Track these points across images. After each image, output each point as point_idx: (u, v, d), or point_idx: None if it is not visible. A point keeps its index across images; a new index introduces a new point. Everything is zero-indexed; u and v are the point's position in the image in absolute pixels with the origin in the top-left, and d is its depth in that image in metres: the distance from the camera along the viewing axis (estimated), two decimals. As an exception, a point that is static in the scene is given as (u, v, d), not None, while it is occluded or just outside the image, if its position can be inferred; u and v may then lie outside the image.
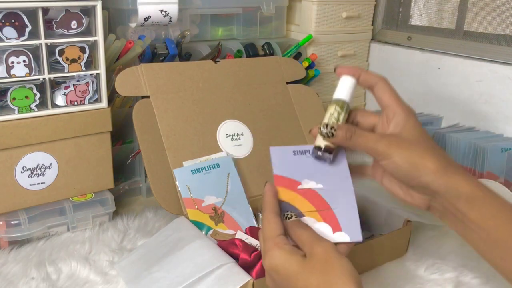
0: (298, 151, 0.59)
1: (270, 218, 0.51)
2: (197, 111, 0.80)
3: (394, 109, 0.54)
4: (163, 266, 0.62)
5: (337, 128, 0.53)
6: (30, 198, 0.75)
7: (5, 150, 0.71)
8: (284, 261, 0.47)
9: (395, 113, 0.54)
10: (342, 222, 0.55)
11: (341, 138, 0.53)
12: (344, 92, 0.57)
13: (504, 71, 0.97)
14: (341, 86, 0.57)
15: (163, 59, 0.88)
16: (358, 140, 0.53)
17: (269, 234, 0.50)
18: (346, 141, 0.53)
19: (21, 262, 0.70)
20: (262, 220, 0.53)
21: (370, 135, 0.53)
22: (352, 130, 0.53)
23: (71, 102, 0.75)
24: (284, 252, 0.48)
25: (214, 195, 0.73)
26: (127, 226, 0.81)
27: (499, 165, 0.88)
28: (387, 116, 0.55)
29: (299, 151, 0.59)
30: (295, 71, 0.95)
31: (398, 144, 0.52)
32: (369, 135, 0.53)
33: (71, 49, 0.72)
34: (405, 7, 1.23)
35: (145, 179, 0.91)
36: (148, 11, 0.83)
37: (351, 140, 0.53)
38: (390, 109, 0.55)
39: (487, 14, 1.05)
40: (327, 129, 0.54)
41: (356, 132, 0.53)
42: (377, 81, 0.56)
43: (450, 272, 0.71)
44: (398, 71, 1.19)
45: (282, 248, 0.48)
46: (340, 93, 0.57)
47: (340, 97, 0.57)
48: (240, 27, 1.03)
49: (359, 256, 0.69)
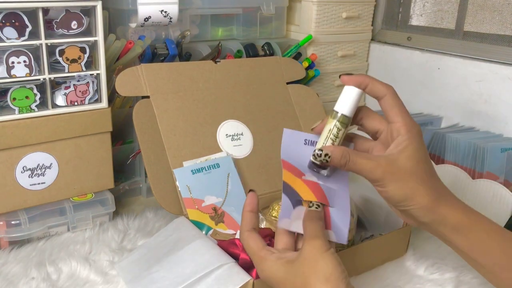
0: (309, 141, 0.58)
1: (247, 236, 0.54)
2: (197, 111, 0.80)
3: (399, 128, 0.53)
4: (163, 266, 0.62)
5: (331, 154, 0.52)
6: (30, 198, 0.75)
7: (6, 150, 0.71)
8: (272, 271, 0.50)
9: (399, 133, 0.53)
10: (333, 221, 0.55)
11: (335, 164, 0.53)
12: (348, 105, 0.53)
13: (504, 71, 0.97)
14: (344, 97, 0.54)
15: (163, 59, 0.88)
16: (353, 167, 0.53)
17: (253, 250, 0.53)
18: (341, 168, 0.53)
19: (21, 262, 0.70)
20: (240, 237, 0.55)
21: (365, 163, 0.52)
22: (347, 158, 0.52)
23: (72, 102, 0.75)
24: (270, 263, 0.51)
25: (214, 195, 0.73)
26: (127, 226, 0.81)
27: (498, 165, 0.89)
28: (391, 132, 0.54)
29: (311, 141, 0.58)
30: (295, 71, 0.95)
31: (392, 175, 0.52)
32: (365, 163, 0.52)
33: (72, 49, 0.72)
34: (405, 7, 1.23)
35: (145, 179, 0.91)
36: (148, 11, 0.83)
37: (346, 166, 0.53)
38: (394, 126, 0.54)
39: (487, 14, 1.05)
40: (321, 156, 0.52)
41: (351, 160, 0.52)
42: (386, 93, 0.54)
43: (450, 272, 0.71)
44: (398, 71, 1.19)
45: (268, 259, 0.51)
46: (343, 106, 0.53)
47: (342, 112, 0.53)
48: (240, 27, 1.03)
49: (360, 256, 0.69)
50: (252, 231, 0.54)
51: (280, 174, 0.56)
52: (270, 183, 0.81)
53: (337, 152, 0.52)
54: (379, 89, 0.54)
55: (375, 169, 0.52)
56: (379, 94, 0.54)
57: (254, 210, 0.55)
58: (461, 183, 0.88)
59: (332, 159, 0.52)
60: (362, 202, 0.80)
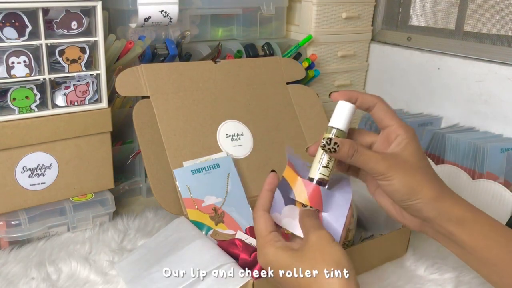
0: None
1: (261, 216, 0.53)
2: (197, 111, 0.80)
3: (396, 130, 0.55)
4: (163, 266, 0.62)
5: (340, 143, 0.52)
6: (30, 198, 0.75)
7: (6, 150, 0.71)
8: (276, 257, 0.49)
9: (398, 134, 0.54)
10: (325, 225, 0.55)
11: (343, 154, 0.53)
12: (342, 120, 0.54)
13: (503, 71, 0.98)
14: (338, 113, 0.55)
15: (163, 59, 0.88)
16: (360, 158, 0.53)
17: (261, 232, 0.52)
18: (348, 158, 0.53)
19: (21, 262, 0.70)
20: (253, 215, 0.54)
21: (372, 154, 0.53)
22: (355, 148, 0.53)
23: (71, 102, 0.75)
24: (275, 249, 0.50)
25: (214, 195, 0.73)
26: (127, 226, 0.81)
27: (498, 165, 0.88)
28: (388, 137, 0.56)
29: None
30: (295, 71, 0.95)
31: (398, 167, 0.52)
32: (371, 154, 0.53)
33: (72, 49, 0.72)
34: (405, 8, 1.23)
35: (145, 179, 0.91)
36: (148, 11, 0.83)
37: (353, 157, 0.53)
38: (391, 129, 0.55)
39: (486, 14, 1.05)
40: (331, 144, 0.53)
41: (359, 150, 0.53)
42: (375, 102, 0.56)
43: (450, 272, 0.71)
44: (398, 71, 1.19)
45: (273, 245, 0.50)
46: (337, 121, 0.55)
47: (337, 126, 0.54)
48: (240, 28, 1.03)
49: (360, 256, 0.69)
50: (265, 211, 0.53)
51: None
52: (270, 183, 0.81)
53: (345, 142, 0.53)
54: (369, 100, 0.56)
55: (382, 161, 0.52)
56: (370, 104, 0.56)
57: (273, 190, 0.54)
58: (461, 183, 0.88)
59: (340, 148, 0.52)
60: (362, 202, 0.80)
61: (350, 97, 0.55)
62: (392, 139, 0.55)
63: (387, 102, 0.57)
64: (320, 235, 0.49)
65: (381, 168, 0.52)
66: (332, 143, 0.53)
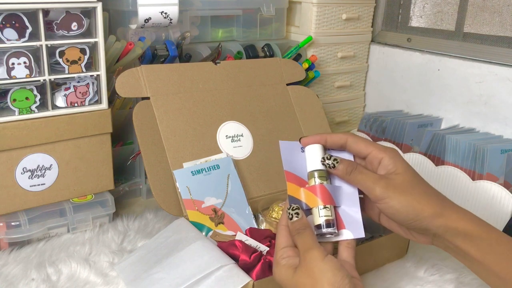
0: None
1: (280, 230, 0.56)
2: (197, 112, 0.80)
3: (377, 155, 0.55)
4: (163, 267, 0.62)
5: (339, 161, 0.55)
6: (30, 199, 0.75)
7: (6, 151, 0.71)
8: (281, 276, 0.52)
9: (381, 158, 0.55)
10: (345, 219, 0.56)
11: (342, 171, 0.55)
12: (317, 160, 0.57)
13: (503, 72, 0.98)
14: (310, 156, 0.58)
15: (163, 60, 0.88)
16: (358, 176, 0.55)
17: (277, 246, 0.55)
18: (346, 175, 0.55)
19: (21, 263, 0.70)
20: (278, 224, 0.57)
21: (370, 173, 0.54)
22: (354, 166, 0.55)
23: (72, 103, 0.75)
24: (280, 268, 0.53)
25: (214, 196, 0.73)
26: (127, 227, 0.81)
27: (498, 167, 0.88)
28: (372, 163, 0.56)
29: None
30: (295, 72, 0.95)
31: (395, 188, 0.53)
32: (369, 173, 0.54)
33: (72, 50, 0.72)
34: (405, 9, 1.23)
35: (145, 180, 0.91)
36: (149, 12, 0.83)
37: (351, 175, 0.55)
38: (372, 156, 0.56)
39: (486, 15, 1.05)
40: (331, 160, 0.55)
41: (357, 168, 0.55)
42: (346, 138, 0.57)
43: (450, 273, 0.71)
44: (398, 72, 1.19)
45: (279, 263, 0.53)
46: (313, 164, 0.57)
47: (315, 168, 0.57)
48: (240, 29, 1.03)
49: (360, 257, 0.69)
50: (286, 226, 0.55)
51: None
52: (270, 184, 0.81)
53: (345, 160, 0.55)
54: (337, 139, 0.58)
55: (379, 180, 0.53)
56: (340, 142, 0.58)
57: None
58: (461, 184, 0.88)
59: (339, 164, 0.55)
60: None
61: (319, 140, 0.58)
62: (376, 165, 0.56)
63: (356, 134, 0.58)
64: (311, 256, 0.50)
65: (378, 188, 0.53)
66: (332, 159, 0.55)
